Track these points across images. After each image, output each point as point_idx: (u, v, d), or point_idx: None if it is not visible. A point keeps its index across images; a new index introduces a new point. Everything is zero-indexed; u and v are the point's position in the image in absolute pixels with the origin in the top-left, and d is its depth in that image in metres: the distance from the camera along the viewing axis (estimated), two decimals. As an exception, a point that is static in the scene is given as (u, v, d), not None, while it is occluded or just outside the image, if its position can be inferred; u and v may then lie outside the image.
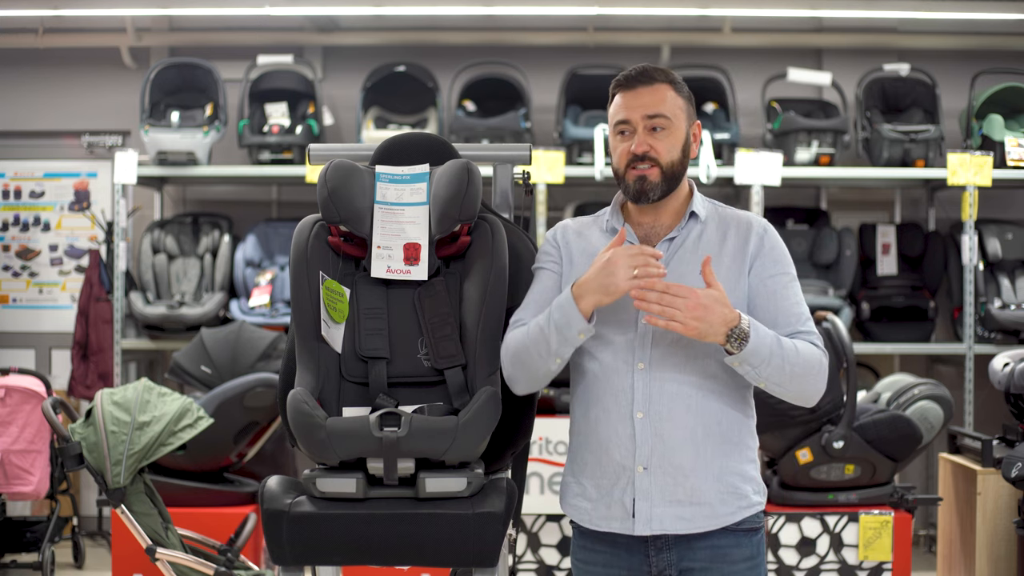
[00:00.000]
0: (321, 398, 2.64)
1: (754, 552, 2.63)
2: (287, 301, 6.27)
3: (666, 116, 2.59)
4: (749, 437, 2.64)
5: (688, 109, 2.64)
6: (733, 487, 2.58)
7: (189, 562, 4.23)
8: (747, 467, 2.62)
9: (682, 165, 2.62)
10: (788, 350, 2.50)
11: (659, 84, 2.61)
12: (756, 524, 2.64)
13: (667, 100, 2.60)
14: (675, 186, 2.63)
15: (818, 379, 2.56)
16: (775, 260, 2.61)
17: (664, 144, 2.59)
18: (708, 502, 2.56)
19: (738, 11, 6.62)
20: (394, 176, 2.79)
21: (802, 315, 2.59)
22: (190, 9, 6.71)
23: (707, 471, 2.56)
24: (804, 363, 2.52)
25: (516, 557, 4.78)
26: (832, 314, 5.20)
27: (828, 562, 4.93)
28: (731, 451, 2.59)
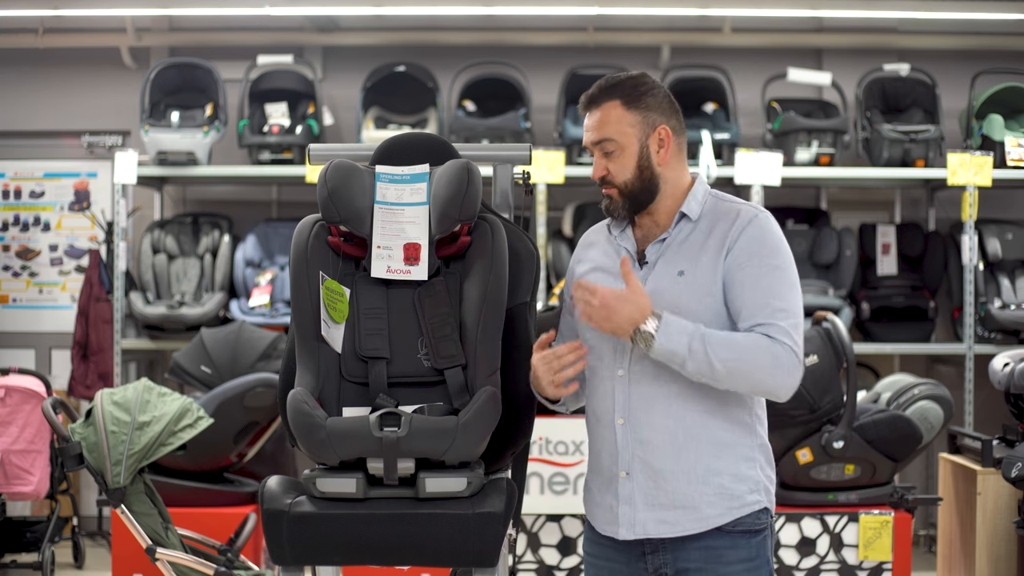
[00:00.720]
0: (321, 398, 2.64)
1: (752, 554, 2.58)
2: (287, 301, 6.27)
3: (611, 139, 2.60)
4: (746, 435, 2.59)
5: (643, 121, 2.59)
6: (721, 488, 2.55)
7: (189, 562, 4.23)
8: (740, 466, 2.57)
9: (641, 180, 2.60)
10: (717, 346, 2.45)
11: (606, 104, 2.61)
12: (755, 526, 2.59)
13: (611, 121, 2.59)
14: (646, 198, 2.61)
15: (772, 372, 2.49)
16: (752, 251, 2.54)
17: (615, 166, 2.60)
18: (692, 505, 2.55)
19: (738, 11, 6.62)
20: (394, 176, 2.79)
21: (768, 306, 2.52)
22: (190, 9, 6.72)
23: (690, 474, 2.55)
24: (742, 359, 2.47)
25: (516, 557, 4.78)
26: (832, 314, 5.19)
27: (828, 562, 4.93)
28: (720, 452, 2.56)
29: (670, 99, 2.65)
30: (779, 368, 2.51)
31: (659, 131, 2.61)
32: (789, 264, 2.59)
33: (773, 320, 2.52)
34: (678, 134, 2.65)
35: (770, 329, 2.51)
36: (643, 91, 2.61)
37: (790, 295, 2.57)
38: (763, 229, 2.58)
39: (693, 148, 6.33)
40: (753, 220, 2.58)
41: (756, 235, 2.57)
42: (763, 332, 2.51)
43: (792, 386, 2.54)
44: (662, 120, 2.61)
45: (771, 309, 2.53)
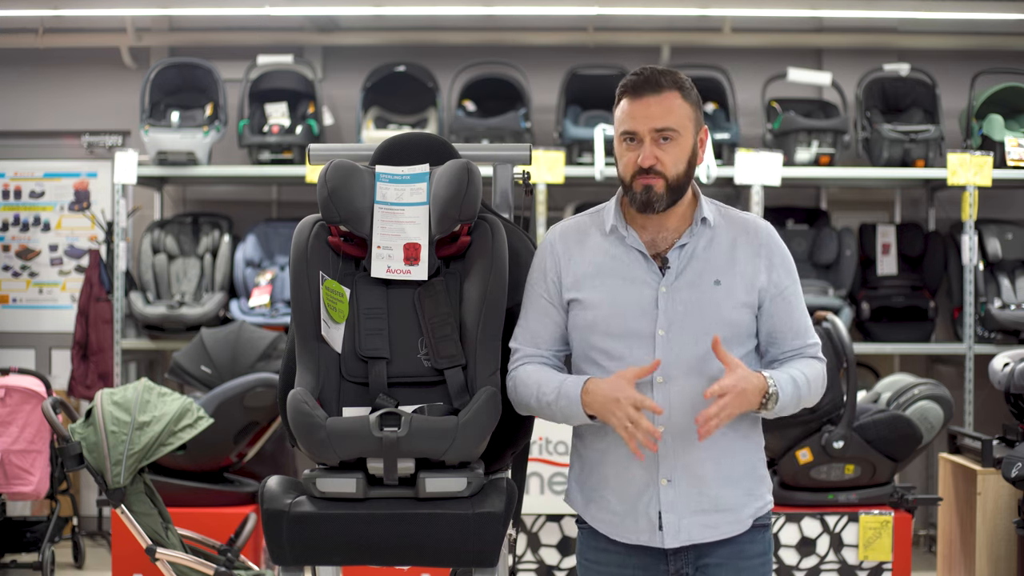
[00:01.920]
0: (321, 398, 2.64)
1: (766, 548, 2.67)
2: (287, 301, 6.27)
3: (674, 129, 2.54)
4: (758, 435, 2.69)
5: (696, 116, 2.59)
6: (750, 490, 2.63)
7: (189, 562, 4.23)
8: (759, 466, 2.67)
9: (687, 176, 2.58)
10: (803, 386, 2.59)
11: (667, 92, 2.54)
12: (768, 520, 2.68)
13: (675, 110, 2.54)
14: (680, 196, 2.59)
15: (821, 389, 2.67)
16: (788, 271, 2.65)
17: (671, 156, 2.54)
18: (731, 507, 2.60)
19: (738, 11, 6.62)
20: (394, 176, 2.79)
21: (808, 327, 2.67)
22: (190, 9, 6.71)
23: (727, 478, 2.59)
24: (814, 388, 2.63)
25: (516, 557, 4.78)
26: (832, 314, 5.19)
27: (828, 562, 4.93)
28: (745, 455, 2.63)
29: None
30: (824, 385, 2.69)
31: (703, 131, 2.64)
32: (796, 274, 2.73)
33: (812, 339, 2.67)
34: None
35: (815, 349, 2.67)
36: (693, 88, 2.61)
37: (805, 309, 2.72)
38: (782, 244, 2.68)
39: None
40: (774, 236, 2.66)
41: (784, 254, 2.67)
42: (812, 355, 2.66)
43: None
44: (704, 122, 2.65)
45: (810, 330, 2.68)
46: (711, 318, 2.55)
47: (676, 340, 2.54)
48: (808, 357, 2.65)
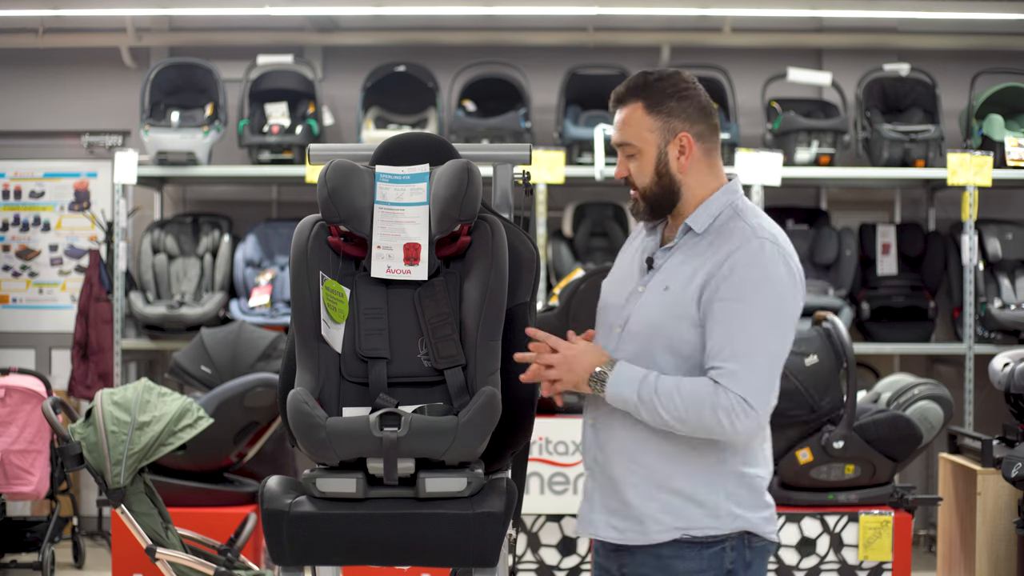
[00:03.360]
0: (321, 398, 2.64)
1: (703, 566, 2.54)
2: (287, 301, 6.27)
3: (630, 143, 2.59)
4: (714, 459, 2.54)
5: (663, 127, 2.56)
6: (670, 506, 2.54)
7: (189, 562, 4.23)
8: (699, 490, 2.53)
9: (660, 186, 2.58)
10: (664, 395, 2.46)
11: (630, 105, 2.59)
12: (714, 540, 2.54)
13: (631, 124, 2.58)
14: (666, 204, 2.60)
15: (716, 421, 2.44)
16: (733, 283, 2.48)
17: (635, 169, 2.60)
18: (638, 516, 2.56)
19: (738, 11, 6.62)
20: (394, 176, 2.79)
21: (725, 349, 2.45)
22: (190, 9, 6.72)
23: (641, 486, 2.56)
24: (688, 408, 2.45)
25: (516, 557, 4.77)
26: (832, 314, 5.19)
27: (828, 562, 4.93)
28: (675, 471, 2.54)
29: (700, 103, 2.59)
30: (722, 417, 2.44)
31: (680, 138, 2.57)
32: (771, 302, 2.49)
33: (728, 363, 2.45)
34: (705, 140, 2.60)
35: (720, 374, 2.45)
36: (669, 94, 2.57)
37: (759, 336, 2.47)
38: (755, 260, 2.49)
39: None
40: (748, 248, 2.50)
41: (743, 265, 2.48)
42: (714, 377, 2.46)
43: (744, 431, 2.47)
44: (684, 127, 2.57)
45: (730, 352, 2.46)
46: (647, 324, 2.56)
47: (625, 337, 2.60)
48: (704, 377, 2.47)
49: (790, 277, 2.52)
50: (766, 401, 2.49)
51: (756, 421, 2.47)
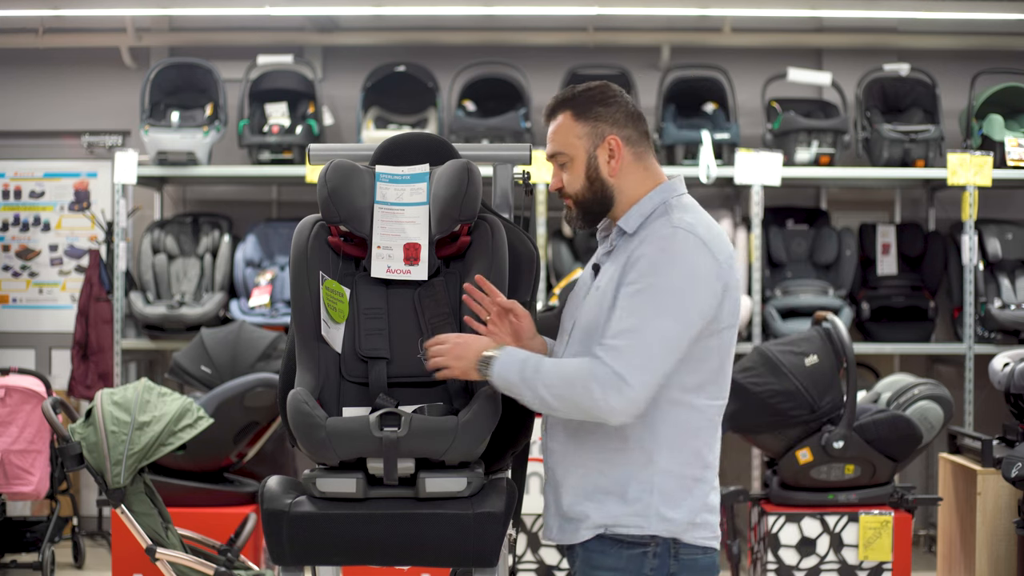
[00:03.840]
0: (321, 398, 2.64)
1: (621, 565, 2.51)
2: (287, 301, 6.27)
3: (561, 152, 2.63)
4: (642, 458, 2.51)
5: (591, 132, 2.58)
6: (602, 507, 2.53)
7: (189, 562, 4.23)
8: (629, 488, 2.51)
9: (592, 192, 2.61)
10: (545, 374, 2.46)
11: (559, 116, 2.64)
12: (638, 540, 2.51)
13: (560, 133, 2.62)
14: (599, 209, 2.62)
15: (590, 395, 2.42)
16: (637, 270, 2.47)
17: (568, 177, 2.64)
18: (573, 516, 2.57)
19: (738, 11, 6.62)
20: (394, 176, 2.79)
21: (617, 327, 2.44)
22: (190, 9, 6.72)
23: (577, 486, 2.56)
24: (565, 384, 2.45)
25: (516, 557, 4.78)
26: (832, 314, 5.19)
27: (828, 562, 4.92)
28: (608, 471, 2.52)
29: (627, 109, 2.61)
30: (595, 390, 2.41)
31: (608, 141, 2.59)
32: (672, 284, 2.45)
33: (613, 340, 2.44)
34: (635, 144, 2.61)
35: (603, 350, 2.44)
36: (595, 100, 2.61)
37: (651, 316, 2.43)
38: (663, 246, 2.48)
39: (693, 148, 6.33)
40: (660, 236, 2.49)
41: (652, 252, 2.48)
42: (596, 352, 2.45)
43: (618, 408, 2.42)
44: (613, 131, 2.59)
45: (618, 329, 2.44)
46: (585, 323, 2.58)
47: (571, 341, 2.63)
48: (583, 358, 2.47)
49: (704, 267, 2.47)
50: (645, 381, 2.42)
51: (630, 399, 2.41)
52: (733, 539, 5.08)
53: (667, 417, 2.51)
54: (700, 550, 2.55)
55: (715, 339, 2.52)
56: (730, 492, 5.02)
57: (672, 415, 2.51)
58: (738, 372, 4.92)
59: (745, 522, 5.65)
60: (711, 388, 2.55)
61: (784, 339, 5.16)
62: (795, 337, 5.12)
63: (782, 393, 4.83)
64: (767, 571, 4.95)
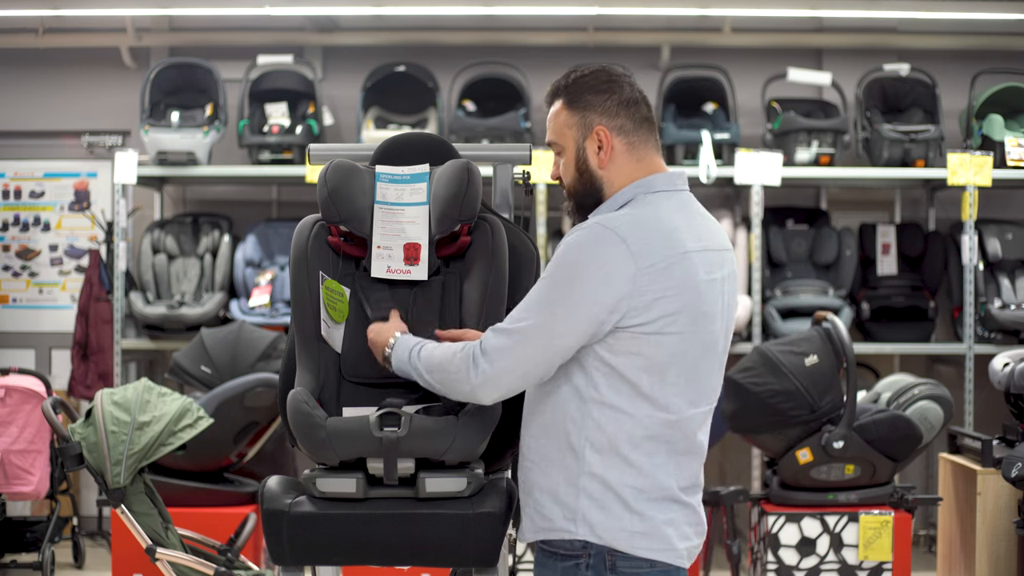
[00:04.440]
0: (321, 398, 2.65)
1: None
2: (287, 301, 6.27)
3: (556, 142, 2.58)
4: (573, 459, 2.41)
5: (580, 123, 2.50)
6: (538, 505, 2.46)
7: (189, 562, 4.23)
8: (560, 489, 2.41)
9: (582, 183, 2.53)
10: (426, 355, 2.49)
11: (555, 104, 2.57)
12: (571, 550, 2.41)
13: (555, 123, 2.56)
14: (589, 202, 2.53)
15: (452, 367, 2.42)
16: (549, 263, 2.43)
17: (562, 168, 2.58)
18: (522, 515, 2.53)
19: (738, 11, 6.62)
20: (394, 176, 2.79)
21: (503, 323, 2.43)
22: (190, 9, 6.71)
23: (523, 483, 2.52)
24: (439, 370, 2.45)
25: (516, 557, 4.78)
26: (832, 314, 5.19)
27: (828, 562, 4.93)
28: (545, 469, 2.44)
29: (622, 96, 2.50)
30: (460, 363, 2.42)
31: (596, 132, 2.49)
32: (570, 280, 2.36)
33: (488, 336, 2.42)
34: (628, 134, 2.49)
35: (477, 344, 2.43)
36: (587, 88, 2.52)
37: (538, 307, 2.38)
38: (574, 241, 2.40)
39: (693, 148, 6.33)
40: (576, 230, 2.43)
41: (565, 245, 2.42)
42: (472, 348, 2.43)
43: (477, 382, 2.40)
44: (602, 121, 2.49)
45: (504, 325, 2.42)
46: None
47: None
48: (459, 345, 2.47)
49: (613, 265, 2.34)
50: (505, 366, 2.37)
51: (487, 376, 2.38)
52: (733, 539, 5.08)
53: (594, 418, 2.39)
54: (645, 563, 2.40)
55: (649, 346, 2.36)
56: (730, 492, 5.02)
57: (598, 417, 2.38)
58: (738, 372, 4.92)
59: (745, 522, 5.65)
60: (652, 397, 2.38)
61: (784, 339, 5.17)
62: (795, 337, 5.12)
63: (782, 393, 4.83)
64: (767, 571, 4.95)
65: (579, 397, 2.40)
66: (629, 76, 2.57)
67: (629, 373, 2.37)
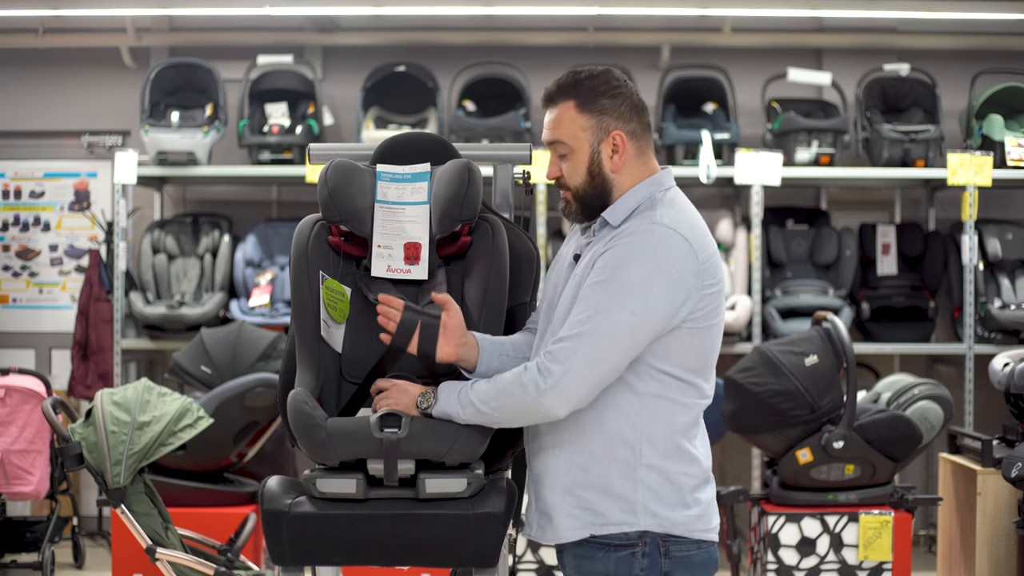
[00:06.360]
0: (321, 398, 2.64)
1: (611, 569, 2.49)
2: (287, 301, 6.27)
3: (562, 142, 2.56)
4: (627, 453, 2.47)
5: (596, 126, 2.52)
6: (584, 503, 2.49)
7: (189, 562, 4.23)
8: (613, 483, 2.47)
9: (592, 186, 2.54)
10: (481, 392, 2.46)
11: (561, 104, 2.56)
12: (626, 541, 2.48)
13: (563, 124, 2.55)
14: (598, 204, 2.55)
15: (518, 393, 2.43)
16: (602, 264, 2.44)
17: (567, 169, 2.57)
18: (553, 514, 2.54)
19: (738, 11, 6.62)
20: (395, 175, 2.79)
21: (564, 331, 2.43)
22: (190, 9, 6.71)
23: (555, 482, 2.53)
24: (503, 395, 2.45)
25: (516, 557, 4.78)
26: (832, 314, 5.19)
27: (828, 562, 4.92)
28: (590, 465, 2.48)
29: (632, 101, 2.56)
30: (528, 385, 2.42)
31: (613, 137, 2.53)
32: (641, 280, 2.41)
33: (560, 344, 2.42)
34: (638, 138, 2.55)
35: (544, 356, 2.43)
36: (601, 92, 2.55)
37: (608, 309, 2.40)
38: (637, 242, 2.43)
39: (693, 148, 6.33)
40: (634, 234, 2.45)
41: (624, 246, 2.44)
42: (537, 361, 2.44)
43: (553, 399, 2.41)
44: (618, 125, 2.53)
45: (566, 333, 2.42)
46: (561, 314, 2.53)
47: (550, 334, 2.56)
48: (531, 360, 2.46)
49: (680, 263, 2.42)
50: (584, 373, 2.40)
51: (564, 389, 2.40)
52: (733, 539, 5.08)
53: (649, 412, 2.47)
54: (694, 544, 2.50)
55: (698, 338, 2.47)
56: (730, 492, 5.02)
57: (653, 410, 2.47)
58: (738, 372, 4.92)
59: (745, 522, 5.65)
60: (697, 385, 2.51)
61: (784, 339, 5.16)
62: (795, 337, 5.12)
63: (782, 393, 4.83)
64: (767, 571, 4.95)
65: (633, 392, 2.47)
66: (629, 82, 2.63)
67: (682, 365, 2.48)
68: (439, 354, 2.56)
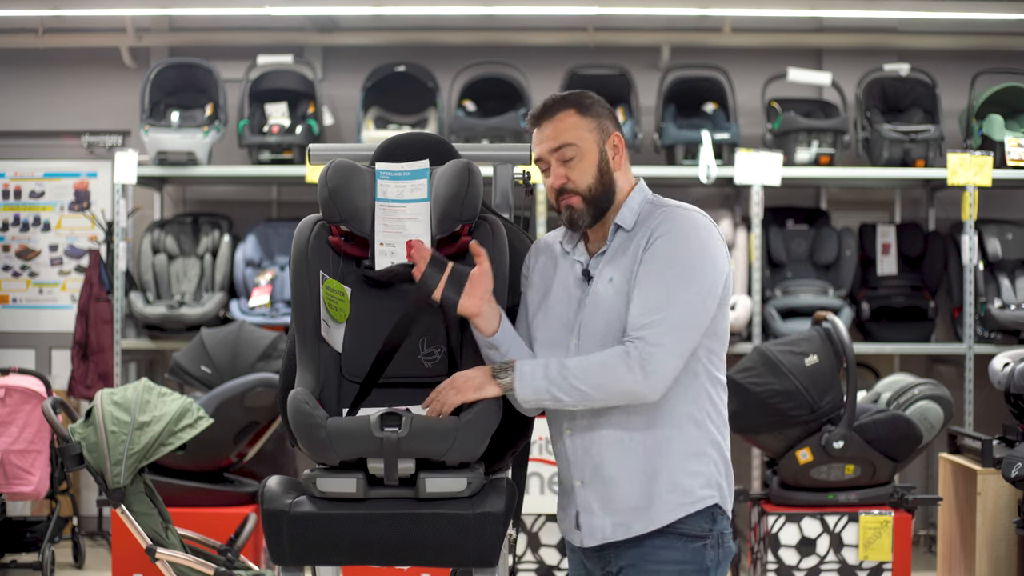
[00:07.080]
0: (321, 398, 2.64)
1: (688, 557, 2.59)
2: (287, 301, 6.27)
3: (571, 144, 2.63)
4: (695, 430, 2.60)
5: (598, 127, 2.65)
6: (673, 484, 2.58)
7: (189, 562, 4.23)
8: (691, 462, 2.59)
9: (603, 185, 2.64)
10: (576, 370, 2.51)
11: (561, 113, 2.65)
12: (699, 531, 2.60)
13: (569, 127, 2.63)
14: (606, 204, 2.64)
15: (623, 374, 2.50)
16: (654, 256, 2.55)
17: (576, 171, 2.63)
18: (645, 505, 2.58)
19: (738, 11, 6.62)
20: (394, 172, 2.79)
21: (645, 316, 2.51)
22: (190, 9, 6.72)
23: (638, 476, 2.58)
24: (597, 373, 2.51)
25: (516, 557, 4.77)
26: (832, 314, 5.19)
27: (828, 562, 4.93)
28: (666, 449, 2.58)
29: (614, 113, 2.72)
30: (634, 369, 2.49)
31: (613, 137, 2.67)
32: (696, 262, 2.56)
33: (640, 333, 2.51)
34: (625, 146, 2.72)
35: (631, 343, 2.51)
36: (592, 102, 2.68)
37: (678, 292, 2.53)
38: (673, 227, 2.58)
39: (693, 148, 6.34)
40: (664, 225, 2.58)
41: (663, 233, 2.57)
42: (627, 340, 2.52)
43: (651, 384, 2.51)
44: (614, 128, 2.68)
45: (644, 310, 2.52)
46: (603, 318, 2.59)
47: (583, 343, 2.61)
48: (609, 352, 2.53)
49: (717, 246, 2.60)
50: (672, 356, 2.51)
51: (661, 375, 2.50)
52: (733, 539, 5.08)
53: (707, 392, 2.62)
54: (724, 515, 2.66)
55: (722, 318, 2.62)
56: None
57: (709, 390, 2.63)
58: (738, 372, 4.92)
59: (745, 522, 5.65)
60: (724, 362, 2.69)
61: (784, 339, 5.17)
62: (795, 337, 5.12)
63: (782, 393, 4.83)
64: (767, 571, 4.95)
65: (692, 374, 2.59)
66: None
67: (718, 344, 2.64)
68: (462, 304, 2.58)
